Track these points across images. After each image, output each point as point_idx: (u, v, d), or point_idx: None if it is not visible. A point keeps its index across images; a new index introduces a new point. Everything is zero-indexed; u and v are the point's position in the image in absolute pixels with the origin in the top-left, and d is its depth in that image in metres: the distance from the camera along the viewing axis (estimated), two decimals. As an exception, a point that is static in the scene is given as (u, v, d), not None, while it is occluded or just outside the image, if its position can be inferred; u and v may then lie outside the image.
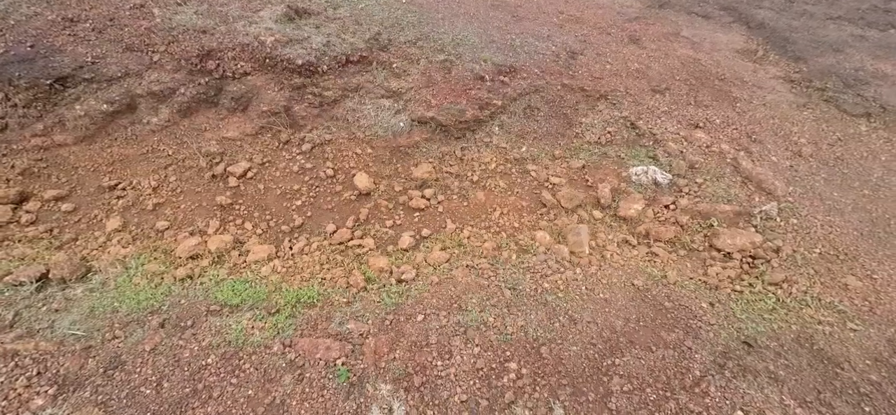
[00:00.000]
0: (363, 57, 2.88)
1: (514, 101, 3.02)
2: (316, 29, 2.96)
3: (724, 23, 5.11)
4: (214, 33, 2.80)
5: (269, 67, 2.73)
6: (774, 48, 4.73)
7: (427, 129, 2.79)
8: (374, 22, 3.17)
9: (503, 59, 3.16)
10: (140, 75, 2.71)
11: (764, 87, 4.03)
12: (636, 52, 3.85)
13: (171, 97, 2.68)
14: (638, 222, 2.61)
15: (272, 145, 2.70)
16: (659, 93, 3.56)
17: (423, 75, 2.90)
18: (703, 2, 5.34)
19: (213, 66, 2.69)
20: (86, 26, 2.83)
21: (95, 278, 2.10)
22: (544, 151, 2.97)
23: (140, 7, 2.92)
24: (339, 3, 3.30)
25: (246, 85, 2.70)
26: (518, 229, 2.46)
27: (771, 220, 2.72)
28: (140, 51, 2.75)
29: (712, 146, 3.27)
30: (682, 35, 4.51)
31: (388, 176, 2.65)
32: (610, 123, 3.21)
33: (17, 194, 2.55)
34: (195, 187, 2.53)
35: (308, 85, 2.76)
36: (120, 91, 2.69)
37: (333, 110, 2.78)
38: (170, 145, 2.67)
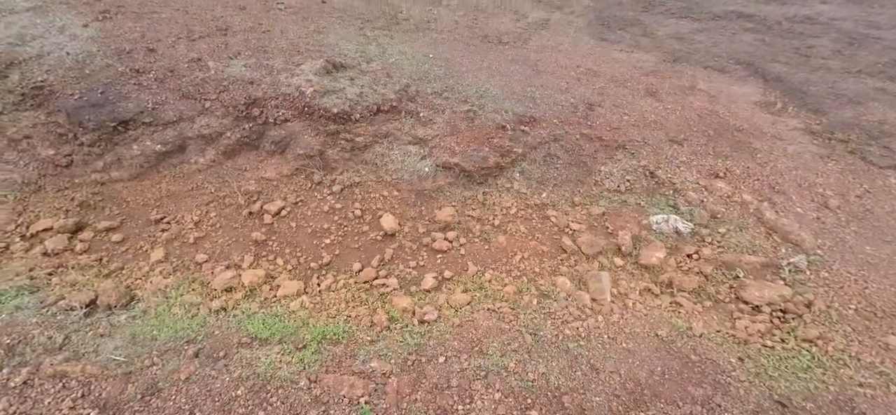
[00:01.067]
0: (393, 106, 3.10)
1: (534, 149, 3.16)
2: (350, 81, 3.23)
3: (740, 76, 5.22)
4: (260, 84, 3.09)
5: (307, 115, 2.98)
6: (793, 101, 4.77)
7: (451, 174, 2.93)
8: (404, 75, 3.43)
9: (524, 110, 3.33)
10: (192, 120, 2.99)
11: (784, 138, 4.05)
12: (653, 104, 3.97)
13: (217, 140, 2.94)
14: (660, 271, 2.61)
15: (305, 186, 2.88)
16: (677, 143, 3.63)
17: (448, 124, 3.08)
18: (717, 56, 5.49)
19: (257, 112, 2.95)
20: (150, 76, 3.18)
21: (138, 306, 2.23)
22: (564, 197, 3.05)
23: (197, 60, 3.28)
24: (372, 58, 3.60)
25: (285, 130, 2.94)
26: (539, 274, 2.50)
27: (800, 273, 2.66)
28: (194, 98, 3.06)
29: (734, 196, 3.27)
30: (698, 88, 4.63)
31: (413, 218, 2.76)
32: (629, 171, 3.28)
33: (75, 224, 2.78)
34: (233, 223, 2.71)
35: (341, 131, 2.98)
36: (173, 134, 2.97)
37: (363, 155, 2.97)
38: (213, 183, 2.89)
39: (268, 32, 3.79)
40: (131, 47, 3.44)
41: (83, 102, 3.06)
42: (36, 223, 2.78)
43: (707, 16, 6.40)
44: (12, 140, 3.08)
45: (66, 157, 3.02)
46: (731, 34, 5.98)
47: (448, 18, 5.04)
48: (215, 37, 3.64)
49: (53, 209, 2.87)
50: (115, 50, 3.40)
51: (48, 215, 2.83)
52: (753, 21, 6.32)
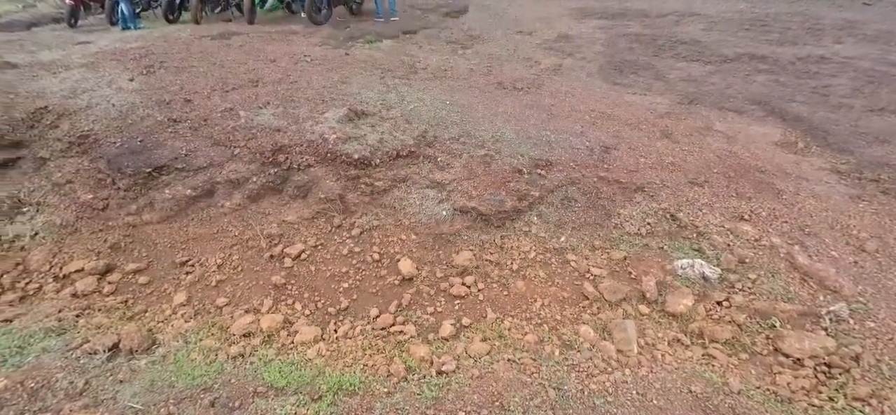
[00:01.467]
0: (411, 151, 3.19)
1: (551, 192, 3.16)
2: (371, 128, 3.36)
3: (758, 117, 5.20)
4: (287, 132, 3.25)
5: (329, 161, 3.09)
6: (815, 140, 4.69)
7: (468, 218, 2.94)
8: (422, 121, 3.56)
9: (540, 154, 3.37)
10: (221, 166, 3.14)
11: (810, 178, 3.94)
12: (670, 147, 3.97)
13: (244, 185, 3.06)
14: (689, 319, 2.49)
15: (325, 229, 2.94)
16: (697, 185, 3.58)
17: (465, 168, 3.14)
18: (732, 97, 5.51)
19: (282, 159, 3.08)
20: (185, 126, 3.39)
21: (158, 351, 2.24)
22: (583, 241, 3.00)
23: (229, 110, 3.49)
24: (392, 105, 3.76)
25: (308, 175, 3.04)
26: (560, 322, 2.42)
27: (842, 322, 2.50)
28: (224, 145, 3.23)
29: (761, 240, 3.15)
30: (714, 129, 4.62)
31: (431, 262, 2.75)
32: (649, 214, 3.22)
33: (104, 266, 2.88)
34: (254, 267, 2.75)
35: (362, 176, 3.06)
36: (203, 179, 3.11)
37: (382, 199, 3.03)
38: (237, 227, 2.98)
39: (295, 83, 4.03)
40: (170, 98, 3.70)
41: (123, 150, 3.27)
42: (69, 264, 2.89)
43: (718, 59, 6.49)
44: (56, 184, 3.28)
45: (103, 200, 3.18)
46: (745, 75, 6.02)
47: (464, 67, 5.27)
48: (247, 88, 3.89)
49: (86, 251, 2.99)
50: (155, 101, 3.66)
51: (81, 257, 2.94)
52: (766, 62, 6.37)
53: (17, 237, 3.06)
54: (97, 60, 4.58)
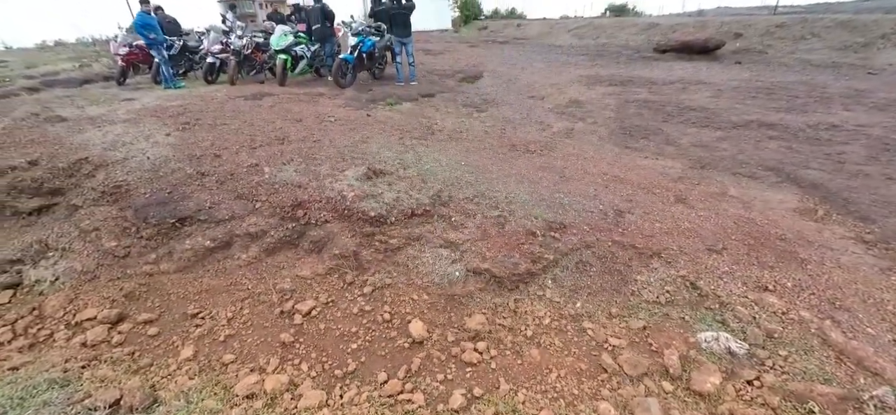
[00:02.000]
0: (426, 210, 3.25)
1: (565, 255, 3.12)
2: (388, 186, 3.46)
3: (772, 183, 5.17)
4: (307, 188, 3.37)
5: (346, 217, 3.16)
6: (835, 208, 4.60)
7: (481, 279, 2.91)
8: (438, 181, 3.66)
9: (553, 216, 3.38)
10: (242, 219, 3.23)
11: (834, 248, 3.82)
12: (685, 212, 3.94)
13: (262, 238, 3.13)
14: (718, 400, 2.31)
15: (338, 286, 2.93)
16: (716, 252, 3.50)
17: (479, 229, 3.16)
18: (745, 163, 5.53)
19: (301, 214, 3.16)
20: (212, 179, 3.55)
21: (159, 410, 2.18)
22: (600, 307, 2.91)
23: (255, 166, 3.66)
24: (409, 165, 3.90)
25: (325, 231, 3.10)
26: (578, 397, 2.28)
27: (888, 410, 2.28)
28: (247, 199, 3.35)
29: (790, 313, 3.00)
30: (730, 194, 4.60)
31: (442, 325, 2.69)
32: (667, 281, 3.13)
33: (117, 315, 2.89)
34: (264, 322, 2.73)
35: (377, 233, 3.10)
36: (223, 231, 3.19)
37: (396, 256, 3.04)
38: (251, 280, 3.00)
39: (319, 142, 4.25)
40: (201, 153, 3.92)
41: (151, 200, 3.42)
42: (82, 312, 2.91)
43: (728, 125, 6.62)
44: (83, 231, 3.40)
45: (125, 248, 3.27)
46: (756, 142, 6.09)
47: (478, 129, 5.50)
48: (273, 145, 4.11)
49: (101, 299, 3.02)
50: (187, 155, 3.88)
51: (95, 304, 2.97)
52: (776, 129, 6.46)
53: (38, 282, 3.13)
54: (139, 116, 4.95)
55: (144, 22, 7.83)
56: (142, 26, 7.80)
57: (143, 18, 7.82)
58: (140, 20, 7.80)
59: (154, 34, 7.93)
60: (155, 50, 8.06)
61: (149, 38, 7.92)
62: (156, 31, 7.92)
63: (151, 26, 7.86)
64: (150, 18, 7.92)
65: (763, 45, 14.25)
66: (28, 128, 4.88)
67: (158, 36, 7.96)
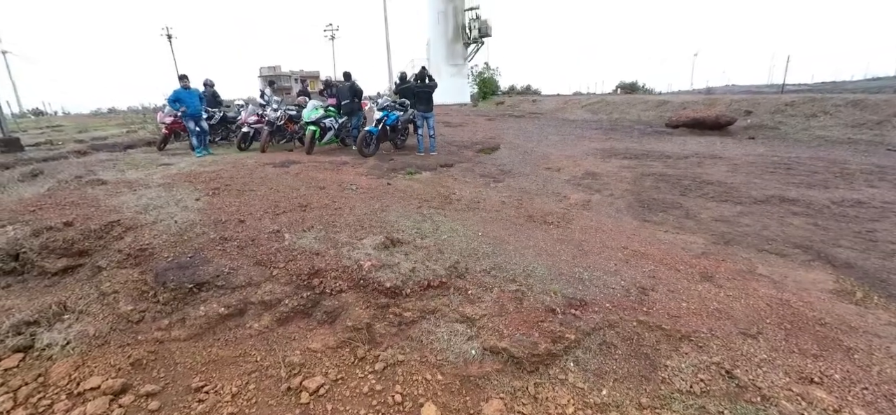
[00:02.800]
0: (442, 282, 3.19)
1: (587, 335, 2.96)
2: (405, 256, 3.46)
3: (802, 261, 4.94)
4: (325, 256, 3.40)
5: (361, 287, 3.12)
6: (875, 290, 4.31)
7: (499, 359, 2.75)
8: (454, 251, 3.64)
9: (573, 292, 3.26)
10: (258, 286, 3.24)
11: (882, 335, 3.51)
12: (712, 291, 3.76)
13: (275, 307, 3.10)
14: None
15: (348, 360, 2.81)
16: (751, 337, 3.25)
17: (496, 303, 3.06)
18: (770, 239, 5.35)
19: (317, 283, 3.15)
20: (233, 244, 3.64)
21: (151, 497, 2.02)
22: (628, 396, 2.67)
23: (276, 232, 3.75)
24: (426, 235, 3.92)
25: (339, 301, 3.05)
26: None
27: None
28: (265, 266, 3.38)
29: (842, 411, 2.68)
30: (758, 273, 4.39)
31: (457, 410, 2.50)
32: (701, 369, 2.89)
33: (121, 386, 2.81)
34: (269, 399, 2.60)
35: (391, 305, 3.04)
36: (238, 298, 3.19)
37: (410, 330, 2.93)
38: (260, 351, 2.92)
39: (339, 210, 4.37)
40: (226, 218, 4.06)
41: (172, 264, 3.49)
42: (87, 380, 2.84)
43: (748, 200, 6.53)
44: (102, 294, 3.45)
45: (140, 313, 3.27)
46: (779, 217, 5.94)
47: (495, 199, 5.58)
48: (296, 212, 4.24)
49: (108, 366, 2.97)
50: (212, 220, 4.03)
51: (101, 372, 2.91)
52: (799, 205, 6.32)
53: (49, 346, 3.12)
54: (173, 181, 5.25)
55: (176, 96, 8.45)
56: (174, 100, 8.54)
57: (177, 94, 8.47)
58: (173, 95, 8.49)
59: (185, 107, 8.51)
60: (186, 121, 8.82)
61: (180, 111, 8.66)
62: (187, 105, 8.53)
63: (183, 101, 8.49)
64: (185, 93, 8.57)
65: (774, 121, 14.52)
66: (70, 190, 5.22)
67: (190, 109, 8.58)
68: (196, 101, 8.79)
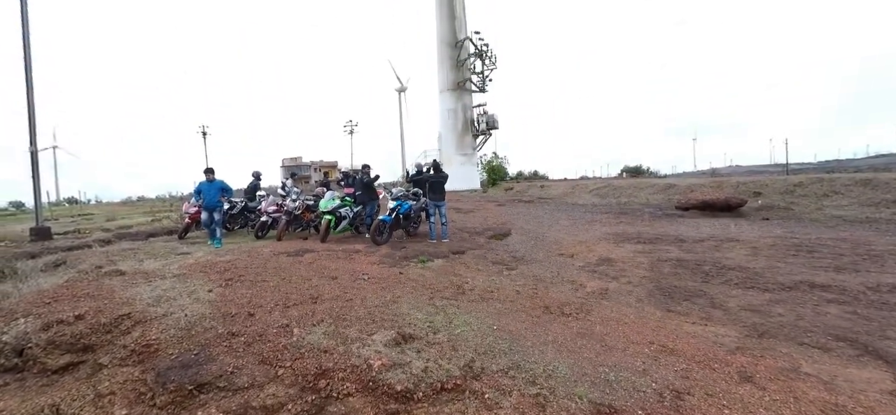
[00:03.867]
0: (457, 385, 2.97)
1: (622, 451, 2.62)
2: (417, 353, 3.27)
3: (850, 356, 4.51)
4: (333, 354, 3.24)
5: (370, 390, 2.91)
6: (944, 391, 3.81)
7: (523, 481, 2.42)
8: (469, 347, 3.44)
9: (600, 397, 2.98)
10: (261, 387, 3.05)
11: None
12: (755, 394, 3.39)
13: (277, 413, 2.87)
14: None
15: (353, 481, 2.51)
16: (813, 453, 2.84)
17: (516, 410, 2.79)
18: (809, 331, 4.97)
19: (323, 384, 2.96)
20: (240, 340, 3.52)
21: None
22: None
23: (285, 327, 3.65)
24: (439, 328, 3.76)
25: (346, 407, 2.83)
26: None
27: None
28: (271, 364, 3.22)
29: None
30: (803, 371, 3.99)
31: None
32: (761, 496, 2.48)
33: None
34: None
35: (401, 411, 2.80)
36: (239, 402, 2.99)
37: (422, 443, 2.65)
38: (257, 466, 2.64)
39: (350, 301, 4.28)
40: (236, 311, 4.00)
41: (176, 363, 3.35)
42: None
43: (776, 286, 6.22)
44: (98, 395, 3.28)
45: (135, 418, 3.07)
46: (814, 306, 5.58)
47: (509, 288, 5.43)
48: (306, 304, 4.16)
49: (93, 480, 2.70)
50: (222, 313, 3.96)
51: (85, 489, 2.64)
52: (832, 291, 5.97)
53: (34, 458, 2.90)
54: (189, 272, 5.31)
55: (199, 188, 8.82)
56: (196, 192, 8.95)
57: (199, 186, 8.82)
58: (197, 187, 8.90)
59: (202, 199, 8.75)
60: (206, 212, 8.79)
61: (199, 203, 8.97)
62: (204, 197, 8.71)
63: (202, 192, 8.73)
64: (206, 185, 8.75)
65: (786, 202, 14.46)
66: (88, 281, 5.29)
67: (206, 201, 8.71)
68: (214, 195, 8.79)
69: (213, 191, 8.78)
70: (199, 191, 8.88)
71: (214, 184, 8.88)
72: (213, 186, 8.84)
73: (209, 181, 8.84)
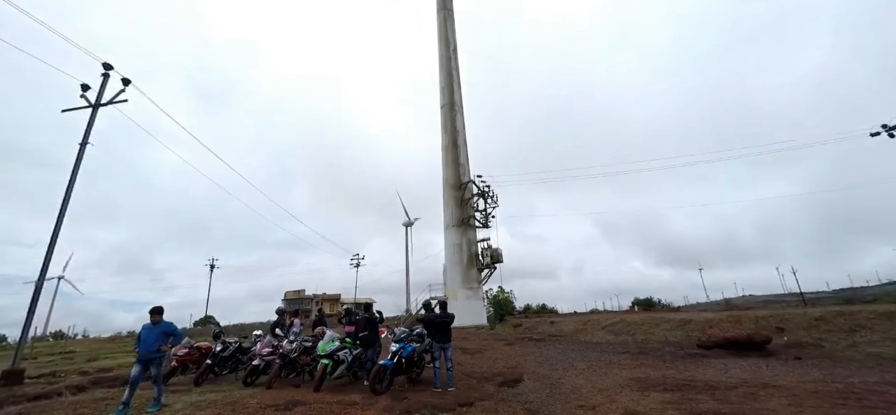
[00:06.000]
0: None
1: None
2: None
3: None
4: None
5: None
6: None
7: None
8: None
9: None
10: None
11: None
12: None
13: None
14: None
15: None
16: None
17: None
18: None
19: None
20: None
21: None
22: None
23: None
24: None
25: None
26: None
27: None
28: None
29: None
30: None
31: None
32: None
33: None
34: None
35: None
36: None
37: None
38: None
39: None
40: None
41: None
42: None
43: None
44: None
45: None
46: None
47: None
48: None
49: None
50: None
51: None
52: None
53: None
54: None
55: (139, 334, 7.12)
56: (138, 339, 7.10)
57: (141, 330, 7.10)
58: (140, 332, 7.09)
59: (137, 347, 7.02)
60: (139, 364, 6.91)
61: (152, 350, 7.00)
62: (141, 344, 7.01)
63: (140, 339, 7.07)
64: (145, 330, 7.10)
65: (813, 338, 13.59)
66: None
67: (141, 350, 6.96)
68: (153, 342, 6.95)
69: (153, 337, 6.98)
70: (139, 337, 7.11)
71: (158, 328, 7.09)
72: (154, 331, 7.04)
73: (154, 324, 7.10)
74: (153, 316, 7.08)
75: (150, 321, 7.12)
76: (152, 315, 7.08)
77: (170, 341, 7.26)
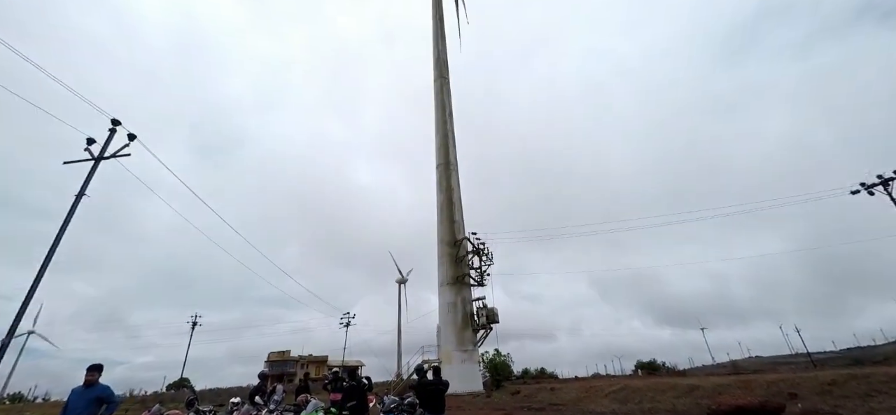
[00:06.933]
0: None
1: None
2: None
3: None
4: None
5: None
6: None
7: None
8: None
9: None
10: None
11: None
12: None
13: None
14: None
15: None
16: None
17: None
18: None
19: None
20: None
21: None
22: None
23: None
24: None
25: None
26: None
27: None
28: None
29: None
30: None
31: None
32: None
33: None
34: None
35: None
36: None
37: None
38: None
39: None
40: None
41: None
42: None
43: None
44: None
45: None
46: None
47: None
48: None
49: None
50: None
51: None
52: None
53: None
54: None
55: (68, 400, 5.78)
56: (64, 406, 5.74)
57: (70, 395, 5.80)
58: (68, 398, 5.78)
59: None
60: None
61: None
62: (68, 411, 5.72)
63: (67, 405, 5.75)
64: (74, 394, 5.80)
65: (829, 405, 12.88)
66: None
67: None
68: (80, 410, 5.65)
69: (83, 404, 5.68)
70: (67, 404, 5.74)
71: (91, 392, 5.78)
72: (85, 397, 5.74)
73: (86, 386, 5.80)
74: (88, 375, 5.82)
75: (83, 382, 5.81)
76: (88, 374, 5.82)
77: (103, 409, 5.83)
